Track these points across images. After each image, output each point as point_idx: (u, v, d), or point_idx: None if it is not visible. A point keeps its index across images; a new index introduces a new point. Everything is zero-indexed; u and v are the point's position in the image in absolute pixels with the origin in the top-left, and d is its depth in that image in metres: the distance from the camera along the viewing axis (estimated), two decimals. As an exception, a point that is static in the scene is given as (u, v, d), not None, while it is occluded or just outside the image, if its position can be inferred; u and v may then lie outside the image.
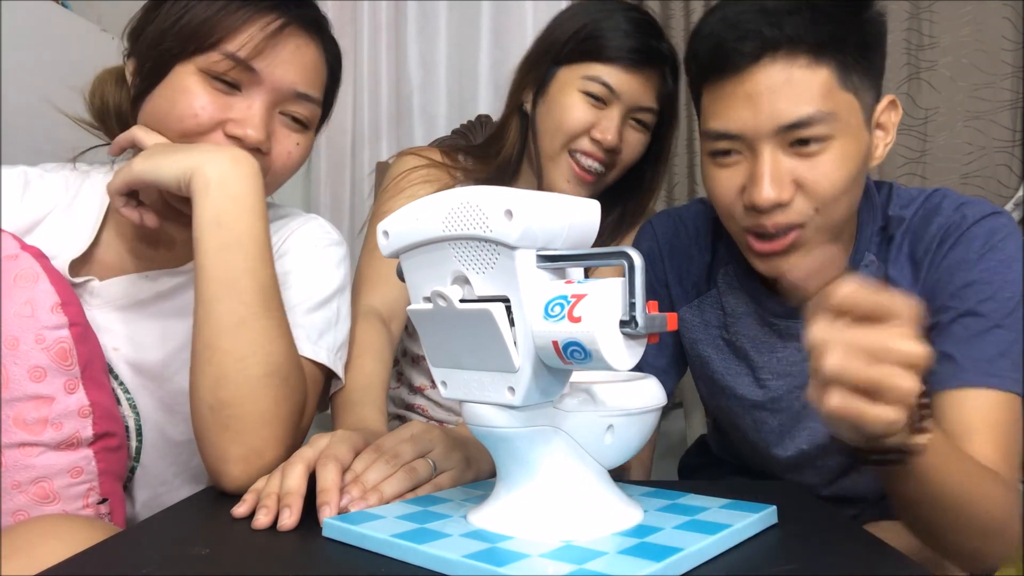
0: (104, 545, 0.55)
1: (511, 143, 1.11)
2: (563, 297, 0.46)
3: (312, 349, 0.80)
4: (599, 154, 1.05)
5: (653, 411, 0.55)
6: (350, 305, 0.90)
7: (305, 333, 0.80)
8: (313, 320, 0.82)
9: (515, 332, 0.48)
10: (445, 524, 0.54)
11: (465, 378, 0.52)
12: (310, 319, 0.82)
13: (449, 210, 0.49)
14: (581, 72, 1.04)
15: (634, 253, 0.45)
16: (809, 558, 0.48)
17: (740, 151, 0.77)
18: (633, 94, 1.04)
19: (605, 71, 1.03)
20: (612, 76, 1.03)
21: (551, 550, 0.48)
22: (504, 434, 0.51)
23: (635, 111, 1.05)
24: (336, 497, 0.59)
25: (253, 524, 0.57)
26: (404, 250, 0.54)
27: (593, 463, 0.53)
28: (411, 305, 0.54)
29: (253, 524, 0.57)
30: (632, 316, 0.45)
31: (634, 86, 1.04)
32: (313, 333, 0.82)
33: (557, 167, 1.06)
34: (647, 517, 0.54)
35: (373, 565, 0.49)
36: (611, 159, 1.06)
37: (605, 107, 1.04)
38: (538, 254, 0.48)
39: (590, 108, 1.03)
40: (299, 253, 0.86)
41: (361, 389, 0.86)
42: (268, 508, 0.58)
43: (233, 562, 0.51)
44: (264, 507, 0.59)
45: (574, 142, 1.04)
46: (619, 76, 1.03)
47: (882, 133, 0.81)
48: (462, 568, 0.46)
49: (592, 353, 0.44)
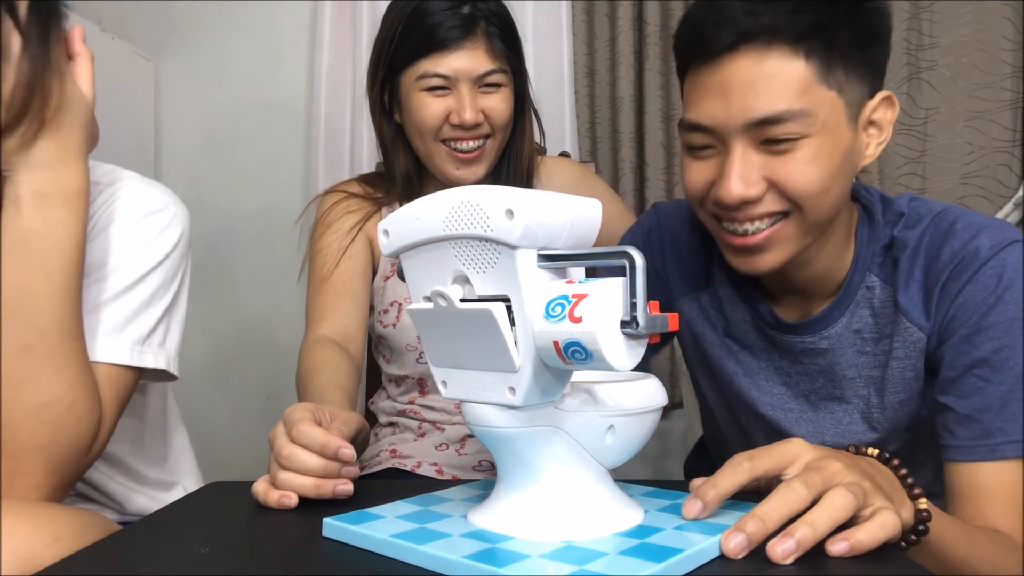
0: (104, 544, 0.55)
1: (401, 156, 1.14)
2: (564, 297, 0.46)
3: (109, 348, 0.75)
4: (467, 133, 1.07)
5: (653, 411, 0.55)
6: (179, 278, 0.85)
7: (106, 328, 0.75)
8: (117, 309, 0.77)
9: (516, 332, 0.48)
10: (445, 524, 0.54)
11: (465, 378, 0.52)
12: (113, 308, 0.77)
13: (450, 209, 0.49)
14: (413, 74, 1.06)
15: (635, 253, 0.45)
16: (810, 558, 0.48)
17: (714, 145, 0.74)
18: (467, 68, 1.05)
19: (430, 63, 1.05)
20: (439, 65, 1.04)
21: (552, 550, 0.48)
22: (505, 434, 0.51)
23: (479, 80, 1.06)
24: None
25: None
26: (404, 249, 0.53)
27: (593, 463, 0.53)
28: (411, 305, 0.54)
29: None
30: (633, 316, 0.44)
31: (464, 60, 1.05)
32: (116, 324, 0.76)
33: (440, 159, 1.09)
34: (648, 517, 0.54)
35: (373, 565, 0.49)
36: (484, 129, 1.08)
37: (451, 91, 1.06)
38: (539, 253, 0.48)
39: (438, 100, 1.06)
40: (110, 231, 0.80)
41: (316, 398, 0.85)
42: None
43: (233, 562, 0.51)
44: None
45: (440, 133, 1.07)
46: (445, 61, 1.04)
47: (876, 131, 0.77)
48: (462, 568, 0.46)
49: (593, 353, 0.44)
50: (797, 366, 0.85)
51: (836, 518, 0.49)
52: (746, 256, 0.77)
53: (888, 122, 0.77)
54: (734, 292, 0.89)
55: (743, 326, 0.88)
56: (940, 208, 0.80)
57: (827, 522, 0.48)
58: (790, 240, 0.75)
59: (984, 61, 1.62)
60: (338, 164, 1.82)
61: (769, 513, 0.49)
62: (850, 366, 0.82)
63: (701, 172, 0.76)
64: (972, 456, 0.71)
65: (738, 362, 0.89)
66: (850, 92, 0.72)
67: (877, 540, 0.49)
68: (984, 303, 0.72)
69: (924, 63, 1.65)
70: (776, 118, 0.69)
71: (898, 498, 0.57)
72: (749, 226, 0.74)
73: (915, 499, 0.59)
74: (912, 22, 1.65)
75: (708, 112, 0.72)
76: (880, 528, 0.50)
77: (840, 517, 0.49)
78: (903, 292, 0.78)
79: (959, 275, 0.74)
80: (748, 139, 0.71)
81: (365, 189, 1.17)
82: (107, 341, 0.76)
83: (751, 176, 0.72)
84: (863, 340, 0.81)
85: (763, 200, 0.73)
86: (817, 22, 0.69)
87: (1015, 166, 1.60)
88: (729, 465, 0.54)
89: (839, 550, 0.48)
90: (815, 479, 0.51)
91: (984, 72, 1.62)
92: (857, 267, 0.81)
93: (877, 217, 0.81)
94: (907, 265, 0.78)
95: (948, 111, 1.63)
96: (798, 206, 0.73)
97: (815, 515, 0.49)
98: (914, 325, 0.77)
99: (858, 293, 0.81)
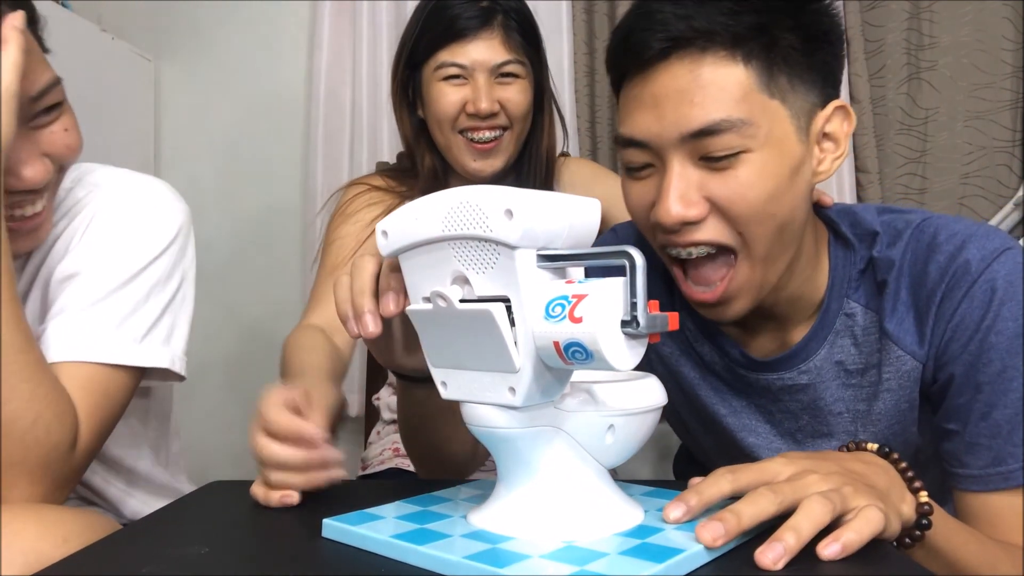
0: (103, 544, 0.55)
1: (426, 153, 1.16)
2: (564, 297, 0.46)
3: (103, 348, 0.73)
4: (484, 123, 1.09)
5: (654, 411, 0.55)
6: (180, 273, 0.83)
7: (100, 327, 0.73)
8: (111, 306, 0.75)
9: (515, 332, 0.48)
10: (445, 525, 0.54)
11: (465, 379, 0.52)
12: (107, 306, 0.74)
13: (449, 210, 0.49)
14: (432, 66, 1.09)
15: (635, 252, 0.45)
16: (811, 558, 0.48)
17: (652, 163, 0.69)
18: (484, 58, 1.08)
19: (447, 54, 1.08)
20: (455, 55, 1.07)
21: (552, 551, 0.48)
22: (505, 435, 0.51)
23: (496, 70, 1.09)
24: None
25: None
26: (403, 250, 0.53)
27: (594, 463, 0.53)
28: (411, 306, 0.54)
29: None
30: (633, 316, 0.44)
31: (481, 50, 1.07)
32: (111, 322, 0.74)
33: (458, 151, 1.11)
34: (648, 518, 0.54)
35: (373, 566, 0.49)
36: (500, 120, 1.10)
37: (467, 82, 1.08)
38: (538, 254, 0.48)
39: (455, 89, 1.08)
40: (99, 228, 0.78)
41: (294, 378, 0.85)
42: None
43: (233, 562, 0.51)
44: None
45: (457, 124, 1.09)
46: (462, 51, 1.07)
47: (831, 145, 0.71)
48: (462, 569, 0.46)
49: (593, 353, 0.44)
50: (778, 404, 0.80)
51: (817, 521, 0.49)
52: (708, 309, 0.72)
53: (845, 135, 0.71)
54: (699, 332, 0.83)
55: (716, 366, 0.83)
56: (918, 219, 0.74)
57: (809, 525, 0.48)
58: (748, 285, 0.70)
59: (984, 61, 1.61)
60: (337, 164, 1.82)
61: (741, 510, 0.50)
62: (835, 400, 0.78)
63: (640, 194, 0.71)
64: (986, 486, 0.69)
65: (721, 398, 0.84)
66: (796, 101, 0.67)
67: (865, 536, 0.49)
68: (981, 321, 0.68)
69: (924, 63, 1.65)
70: (713, 128, 0.64)
71: (897, 493, 0.57)
72: (693, 250, 0.69)
73: (916, 492, 0.58)
74: (912, 22, 1.65)
75: (642, 126, 0.67)
76: (866, 524, 0.50)
77: (820, 520, 0.49)
78: (890, 318, 0.73)
79: (951, 293, 0.69)
80: (686, 154, 0.66)
81: (388, 183, 1.18)
82: (101, 341, 0.74)
83: (691, 195, 0.66)
84: (847, 372, 0.77)
85: (705, 224, 0.67)
86: (756, 24, 0.64)
87: (1015, 166, 1.60)
88: (712, 476, 0.55)
89: (831, 553, 0.48)
90: (784, 488, 0.52)
91: (984, 72, 1.62)
92: (833, 293, 0.75)
93: (849, 237, 0.75)
94: (893, 288, 0.73)
95: (948, 111, 1.63)
96: (742, 236, 0.67)
97: (796, 520, 0.49)
98: (906, 353, 0.73)
99: (837, 321, 0.76)
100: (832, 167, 0.71)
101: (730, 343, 0.80)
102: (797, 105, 0.67)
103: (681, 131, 0.65)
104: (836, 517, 0.50)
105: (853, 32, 1.64)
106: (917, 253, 0.72)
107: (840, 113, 0.71)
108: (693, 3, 0.65)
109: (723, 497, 0.53)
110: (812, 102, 0.69)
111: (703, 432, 0.90)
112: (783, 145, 0.66)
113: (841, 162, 0.71)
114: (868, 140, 1.63)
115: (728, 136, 0.64)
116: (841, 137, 0.71)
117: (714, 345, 0.82)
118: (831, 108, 0.70)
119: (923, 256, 0.72)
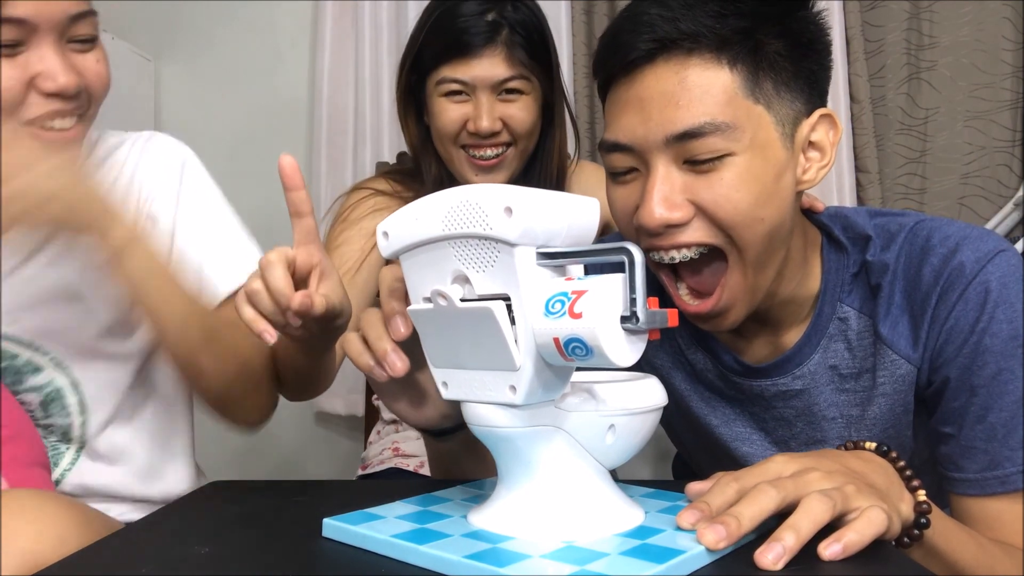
0: (103, 543, 0.54)
1: (432, 161, 1.15)
2: (563, 294, 0.46)
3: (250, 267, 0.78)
4: (485, 141, 1.07)
5: (654, 411, 0.55)
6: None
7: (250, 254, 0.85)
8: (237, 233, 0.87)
9: (516, 330, 0.48)
10: (445, 524, 0.54)
11: (466, 378, 0.52)
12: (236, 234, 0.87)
13: (448, 209, 0.49)
14: (435, 79, 1.07)
15: (634, 248, 0.45)
16: (812, 559, 0.48)
17: (637, 167, 0.69)
18: (486, 75, 1.05)
19: (450, 69, 1.06)
20: (457, 71, 1.05)
21: (552, 551, 0.48)
22: (505, 434, 0.51)
23: (498, 87, 1.06)
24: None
25: None
26: (404, 250, 0.53)
27: (594, 463, 0.53)
28: (411, 305, 0.54)
29: None
30: (633, 312, 0.44)
31: (483, 67, 1.05)
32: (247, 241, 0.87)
33: (460, 165, 1.10)
34: (648, 518, 0.54)
35: (373, 565, 0.49)
36: (503, 137, 1.08)
37: (469, 98, 1.06)
38: (538, 251, 0.48)
39: (457, 106, 1.07)
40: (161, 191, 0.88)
41: None
42: None
43: (233, 562, 0.50)
44: None
45: (459, 139, 1.08)
46: (463, 68, 1.05)
47: (817, 154, 0.70)
48: (463, 569, 0.46)
49: (593, 349, 0.44)
50: (771, 411, 0.80)
51: (817, 520, 0.49)
52: (704, 321, 0.72)
53: (831, 144, 0.71)
54: (692, 340, 0.82)
55: (708, 375, 0.82)
56: (911, 222, 0.74)
57: (808, 524, 0.48)
58: (741, 292, 0.69)
59: (984, 61, 1.62)
60: (340, 165, 1.82)
61: (742, 511, 0.50)
62: (829, 405, 0.77)
63: (624, 198, 0.70)
64: (983, 491, 0.69)
65: (712, 409, 0.83)
66: (781, 108, 0.67)
67: (867, 537, 0.49)
68: (976, 324, 0.68)
69: (924, 63, 1.65)
70: (697, 131, 0.64)
71: (895, 492, 0.57)
72: (676, 253, 0.68)
73: (914, 492, 0.58)
74: (912, 22, 1.65)
75: (626, 129, 0.67)
76: (868, 525, 0.49)
77: (820, 519, 0.49)
78: (884, 322, 0.73)
79: (946, 297, 0.69)
80: (670, 157, 0.66)
81: (393, 187, 1.16)
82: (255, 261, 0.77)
83: (674, 198, 0.66)
84: (841, 377, 0.76)
85: (690, 226, 0.67)
86: (741, 29, 0.65)
87: (1015, 166, 1.60)
88: (718, 484, 0.54)
89: (832, 553, 0.48)
90: (787, 484, 0.51)
91: (984, 72, 1.62)
92: (827, 297, 0.75)
93: (842, 241, 0.75)
94: (887, 291, 0.73)
95: (948, 111, 1.63)
96: (729, 238, 0.67)
97: (795, 519, 0.49)
98: (901, 357, 0.73)
99: (830, 326, 0.75)
100: (818, 176, 0.71)
101: (723, 349, 0.80)
102: (782, 112, 0.67)
103: (666, 133, 0.65)
104: (837, 516, 0.50)
105: (853, 32, 1.64)
106: (911, 256, 0.72)
107: (826, 122, 0.70)
108: (680, 6, 0.65)
109: (731, 505, 0.53)
110: (797, 110, 0.69)
111: (696, 443, 0.90)
112: (767, 150, 0.66)
113: (827, 171, 0.71)
114: (868, 140, 1.63)
115: (712, 139, 0.64)
116: (827, 146, 0.71)
117: (707, 352, 0.81)
118: (816, 116, 0.70)
119: (917, 259, 0.71)
